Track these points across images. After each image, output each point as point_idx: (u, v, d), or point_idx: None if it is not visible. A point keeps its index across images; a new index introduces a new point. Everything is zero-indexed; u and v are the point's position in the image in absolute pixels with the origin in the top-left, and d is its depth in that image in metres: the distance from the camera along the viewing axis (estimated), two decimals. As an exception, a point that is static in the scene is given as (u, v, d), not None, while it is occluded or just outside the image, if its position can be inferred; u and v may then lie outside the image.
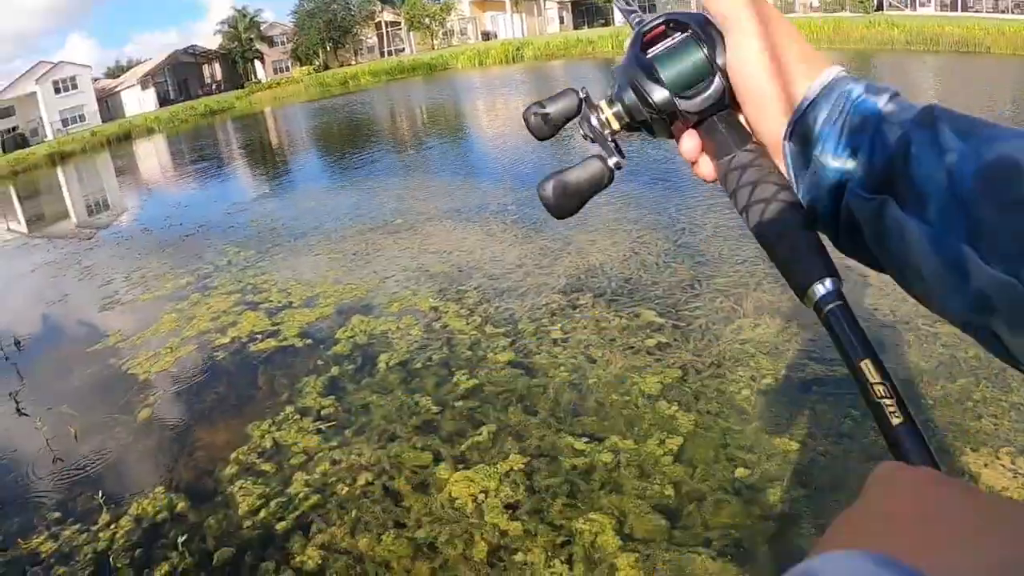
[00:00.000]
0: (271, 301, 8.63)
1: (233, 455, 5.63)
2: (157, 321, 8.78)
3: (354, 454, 5.40)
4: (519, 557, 4.02)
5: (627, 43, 0.66)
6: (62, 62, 56.92)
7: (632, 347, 6.09)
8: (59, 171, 31.59)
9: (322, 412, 6.00)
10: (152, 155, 31.02)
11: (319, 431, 5.75)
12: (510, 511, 4.40)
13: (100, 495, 5.36)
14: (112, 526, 5.08)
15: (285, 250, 10.79)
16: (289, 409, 6.13)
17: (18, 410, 7.30)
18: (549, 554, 3.99)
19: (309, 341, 7.37)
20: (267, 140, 29.00)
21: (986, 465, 4.21)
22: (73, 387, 7.60)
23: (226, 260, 10.93)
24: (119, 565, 4.67)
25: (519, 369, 6.09)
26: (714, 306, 6.54)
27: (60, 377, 7.98)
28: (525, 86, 27.86)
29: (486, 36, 47.53)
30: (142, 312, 9.39)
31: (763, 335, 5.90)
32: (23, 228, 20.61)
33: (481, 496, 4.60)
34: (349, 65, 44.97)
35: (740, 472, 4.41)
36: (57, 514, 5.35)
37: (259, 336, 7.70)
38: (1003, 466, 4.18)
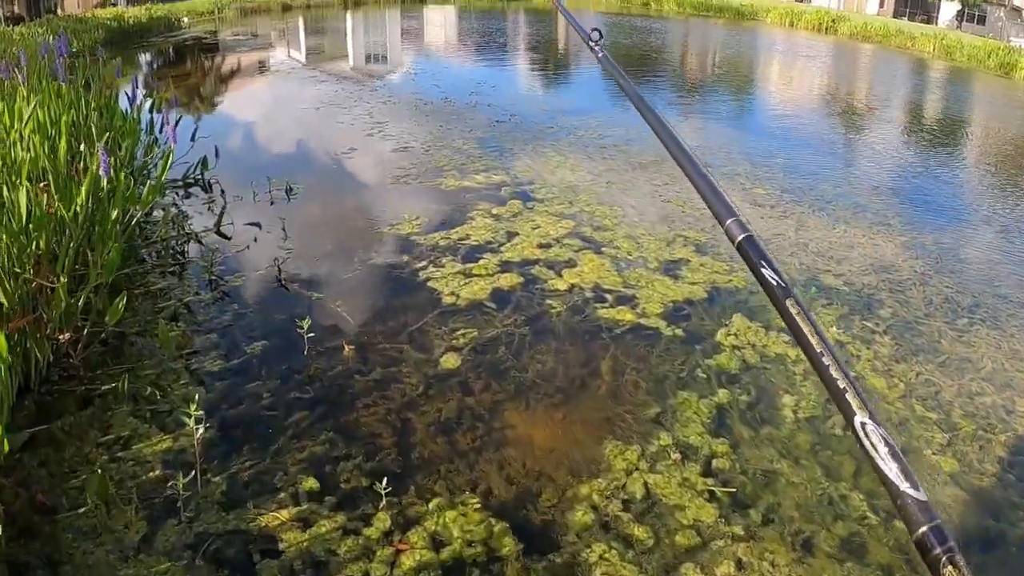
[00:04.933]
0: (617, 247, 6.80)
1: (585, 490, 3.90)
2: (466, 222, 7.23)
3: (766, 560, 3.52)
4: None
5: None
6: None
7: None
8: (347, 15, 32.31)
9: (713, 463, 4.14)
10: (440, 25, 30.80)
11: (711, 496, 3.89)
12: None
13: (384, 483, 3.77)
14: (391, 536, 3.53)
15: (627, 179, 8.97)
16: (664, 439, 4.31)
17: (280, 280, 6.02)
18: None
19: (679, 331, 5.49)
20: (554, 40, 27.92)
21: None
22: (350, 278, 6.26)
23: (550, 166, 9.25)
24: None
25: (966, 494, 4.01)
26: None
27: (333, 257, 6.67)
28: (830, 65, 24.58)
29: (800, -3, 45.64)
30: (444, 202, 7.93)
31: None
32: (301, 58, 20.71)
33: None
34: (658, -11, 42.86)
35: None
36: (312, 485, 3.89)
37: (606, 296, 5.93)
38: None
